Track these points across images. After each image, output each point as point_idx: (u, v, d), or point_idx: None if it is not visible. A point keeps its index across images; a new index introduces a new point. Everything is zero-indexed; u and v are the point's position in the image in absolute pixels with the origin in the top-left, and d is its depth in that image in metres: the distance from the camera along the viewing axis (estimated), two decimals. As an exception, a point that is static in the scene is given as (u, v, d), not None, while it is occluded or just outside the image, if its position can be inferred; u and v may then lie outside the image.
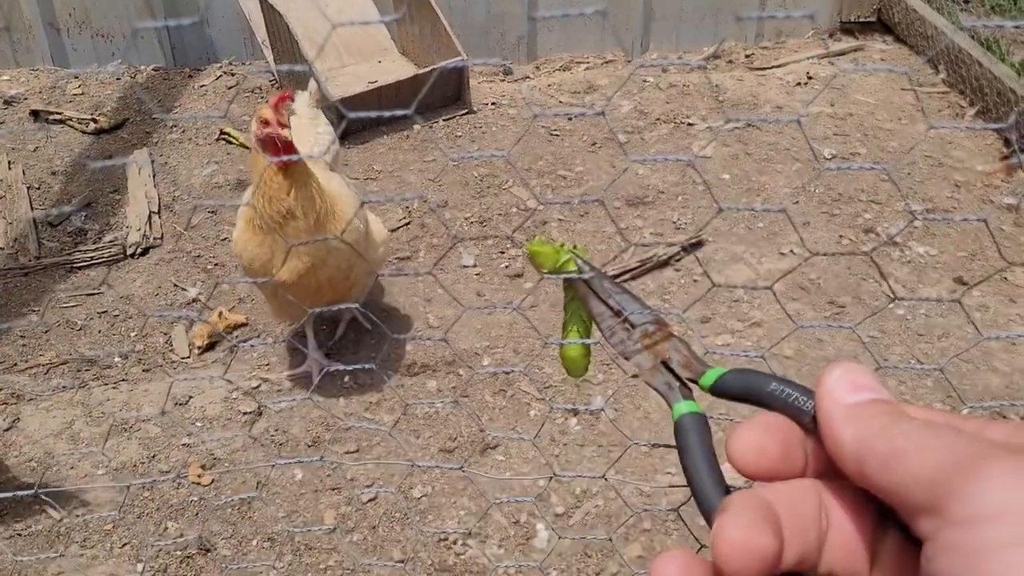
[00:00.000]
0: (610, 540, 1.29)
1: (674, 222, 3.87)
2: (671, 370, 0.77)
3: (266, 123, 2.53)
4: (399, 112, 0.76)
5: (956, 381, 3.04)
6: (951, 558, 0.46)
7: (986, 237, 3.71)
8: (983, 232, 3.73)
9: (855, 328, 0.88)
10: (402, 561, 2.49)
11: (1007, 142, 4.24)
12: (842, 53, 5.31)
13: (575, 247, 0.92)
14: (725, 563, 0.54)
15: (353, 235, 2.80)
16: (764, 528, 0.55)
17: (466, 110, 4.70)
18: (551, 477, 1.46)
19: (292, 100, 2.68)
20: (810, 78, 5.01)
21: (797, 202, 3.96)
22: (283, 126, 2.52)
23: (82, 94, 4.82)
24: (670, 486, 1.94)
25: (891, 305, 3.37)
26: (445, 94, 4.71)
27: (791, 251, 3.67)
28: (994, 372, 3.08)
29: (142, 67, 5.08)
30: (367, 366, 3.05)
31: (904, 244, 3.68)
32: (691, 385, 0.76)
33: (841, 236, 3.76)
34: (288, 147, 2.54)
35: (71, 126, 4.52)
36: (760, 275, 3.56)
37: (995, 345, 3.17)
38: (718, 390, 0.71)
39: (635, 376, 0.80)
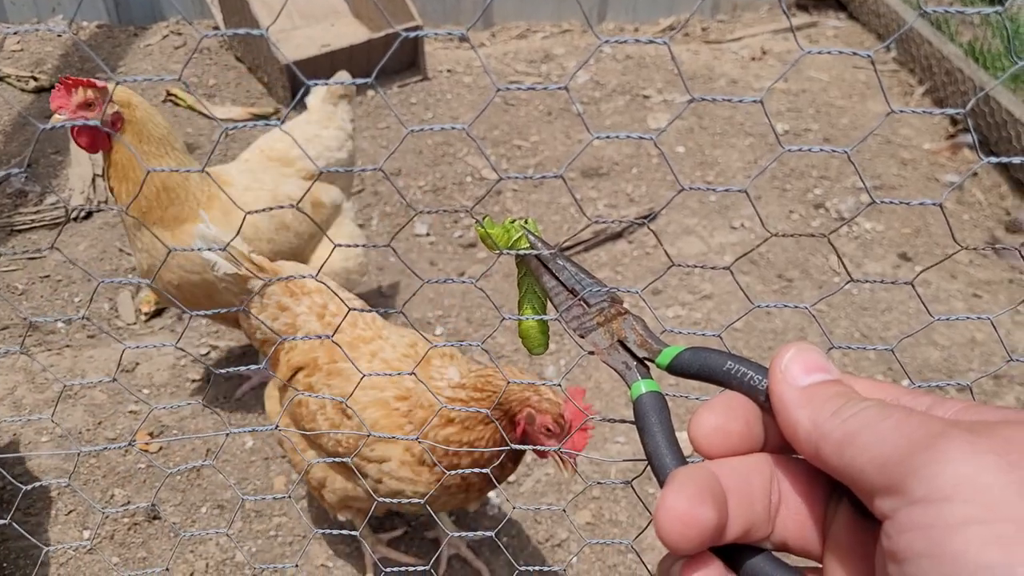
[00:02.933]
0: (564, 511, 1.31)
1: (628, 194, 3.89)
2: (628, 349, 0.78)
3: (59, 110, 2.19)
4: (360, 80, 0.74)
5: (897, 354, 3.12)
6: (913, 536, 0.47)
7: (930, 214, 3.80)
8: (927, 210, 3.82)
9: (809, 308, 0.89)
10: (354, 529, 2.49)
11: (953, 122, 4.33)
12: (796, 29, 5.35)
13: (527, 221, 0.92)
14: (665, 534, 0.55)
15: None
16: (705, 500, 0.56)
17: (421, 76, 4.64)
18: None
19: (94, 86, 2.23)
20: (764, 53, 5.05)
21: (749, 176, 4.00)
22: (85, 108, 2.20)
23: (21, 50, 4.65)
24: (625, 460, 1.97)
25: (837, 280, 3.44)
26: (400, 59, 4.64)
27: (742, 225, 3.72)
28: (934, 346, 3.17)
29: (84, 23, 4.91)
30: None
31: (851, 220, 3.75)
32: (648, 364, 0.77)
33: (791, 211, 3.82)
34: (91, 134, 2.25)
35: (10, 84, 4.37)
36: (711, 248, 3.60)
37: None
38: (674, 369, 0.72)
39: (591, 353, 0.80)
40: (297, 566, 2.36)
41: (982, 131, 4.11)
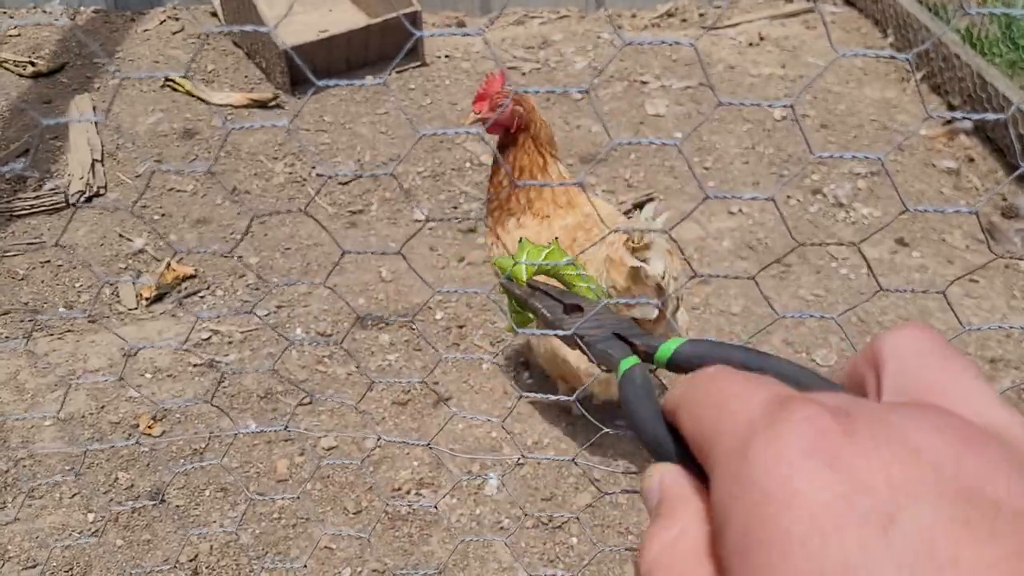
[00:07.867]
0: (564, 494, 1.33)
1: (626, 179, 3.90)
2: (623, 339, 0.76)
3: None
4: (373, 81, 0.75)
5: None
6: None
7: (927, 200, 3.82)
8: (925, 195, 3.84)
9: (836, 319, 0.88)
10: (356, 512, 2.51)
11: (950, 107, 4.35)
12: (793, 15, 5.36)
13: (550, 245, 0.91)
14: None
15: None
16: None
17: (419, 62, 4.64)
18: (507, 433, 1.49)
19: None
20: (762, 39, 5.05)
21: (747, 162, 4.02)
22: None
23: (18, 36, 4.64)
24: (623, 441, 1.99)
25: (835, 265, 3.46)
26: (397, 45, 4.64)
27: (740, 210, 3.74)
28: (930, 330, 3.19)
29: (82, 9, 4.90)
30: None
31: (849, 205, 3.77)
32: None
33: (789, 196, 3.83)
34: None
35: (7, 69, 4.36)
36: (709, 233, 3.62)
37: (932, 305, 3.29)
38: (673, 365, 0.70)
39: (577, 340, 0.79)
40: (301, 548, 2.38)
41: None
